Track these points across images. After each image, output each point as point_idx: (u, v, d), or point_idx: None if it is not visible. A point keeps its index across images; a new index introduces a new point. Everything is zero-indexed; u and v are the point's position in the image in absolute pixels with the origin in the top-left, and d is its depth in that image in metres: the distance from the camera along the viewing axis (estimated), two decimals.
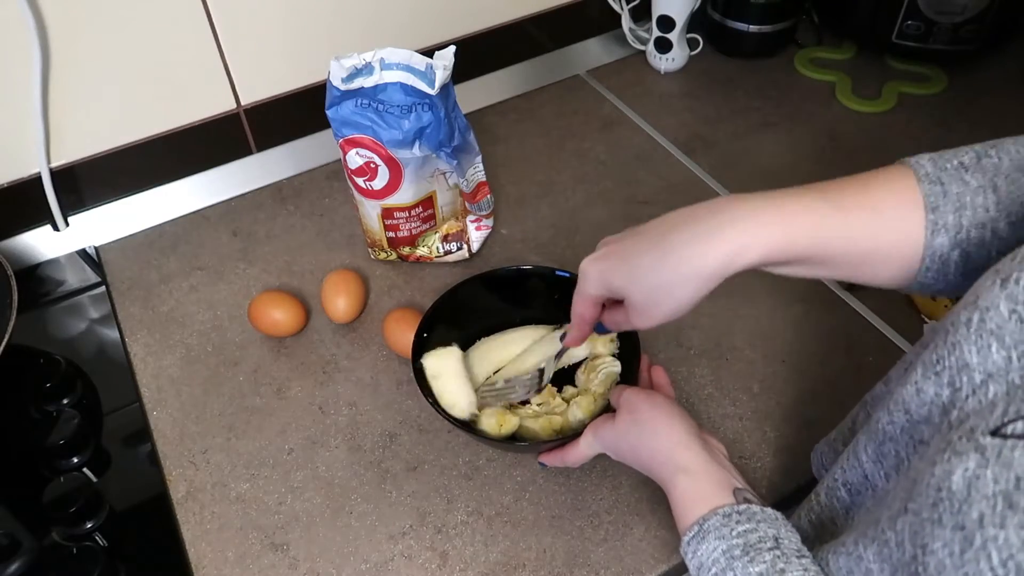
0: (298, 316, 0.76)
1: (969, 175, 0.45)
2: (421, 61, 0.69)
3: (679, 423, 0.55)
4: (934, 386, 0.39)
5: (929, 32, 0.99)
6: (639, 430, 0.56)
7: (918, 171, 0.46)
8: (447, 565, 0.61)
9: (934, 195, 0.45)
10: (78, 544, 0.64)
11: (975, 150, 0.46)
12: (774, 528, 0.47)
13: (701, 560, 0.47)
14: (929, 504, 0.33)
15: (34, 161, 0.83)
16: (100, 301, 0.84)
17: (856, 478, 0.46)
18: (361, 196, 0.77)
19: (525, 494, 0.65)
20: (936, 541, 0.32)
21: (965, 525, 0.30)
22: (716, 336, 0.76)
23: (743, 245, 0.44)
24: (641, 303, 0.50)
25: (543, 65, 1.08)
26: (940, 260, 0.46)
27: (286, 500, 0.66)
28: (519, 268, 0.73)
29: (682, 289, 0.47)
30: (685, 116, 1.02)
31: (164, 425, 0.71)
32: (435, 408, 0.62)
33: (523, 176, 0.94)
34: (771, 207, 0.45)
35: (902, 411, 0.41)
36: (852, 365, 0.73)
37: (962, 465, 0.32)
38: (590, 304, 0.54)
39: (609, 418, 0.59)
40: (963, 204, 0.45)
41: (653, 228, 0.49)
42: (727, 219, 0.45)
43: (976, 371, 0.36)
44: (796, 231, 0.45)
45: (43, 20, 0.75)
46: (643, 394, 0.58)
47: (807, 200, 0.45)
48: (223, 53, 0.86)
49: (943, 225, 0.45)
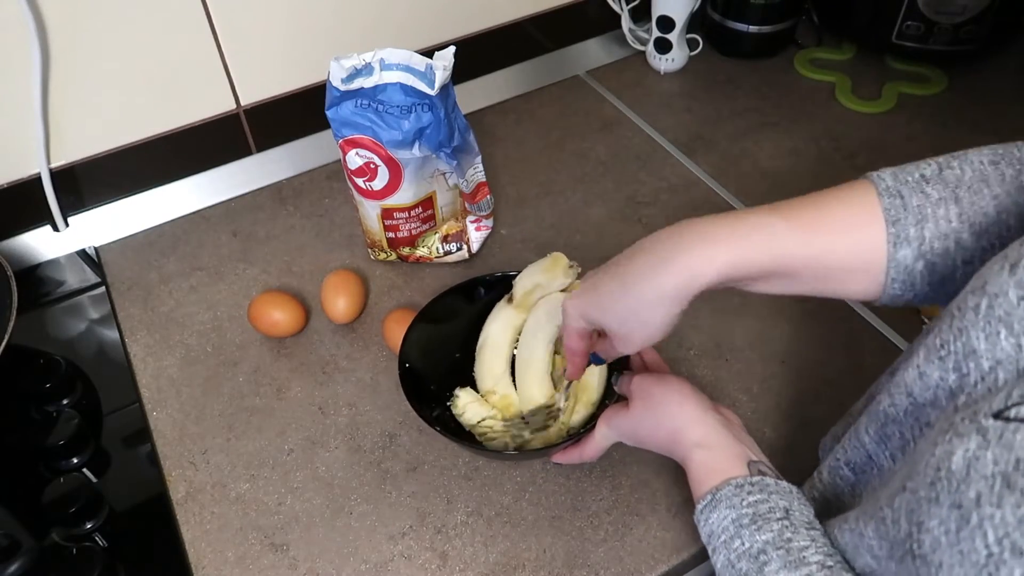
0: (298, 316, 0.76)
1: (930, 187, 0.46)
2: (421, 61, 0.69)
3: (692, 400, 0.56)
4: (938, 370, 0.39)
5: (929, 33, 0.99)
6: (654, 413, 0.57)
7: (878, 185, 0.47)
8: (447, 565, 0.61)
9: (894, 208, 0.46)
10: (78, 545, 0.64)
11: (937, 162, 0.47)
12: (786, 500, 0.48)
13: (712, 528, 0.49)
14: (927, 483, 0.33)
15: (34, 161, 0.83)
16: (100, 301, 0.84)
17: (859, 458, 0.47)
18: (361, 196, 0.77)
19: (525, 494, 0.65)
20: (932, 519, 0.32)
21: (962, 504, 0.31)
22: (716, 337, 0.76)
23: (698, 268, 0.46)
24: (617, 331, 0.52)
25: (543, 65, 1.08)
26: (905, 272, 0.46)
27: (286, 500, 0.66)
28: (486, 277, 0.73)
29: (650, 314, 0.49)
30: (685, 116, 1.02)
31: (164, 425, 0.71)
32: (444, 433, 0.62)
33: (523, 176, 0.94)
34: (724, 229, 0.47)
35: (904, 394, 0.42)
36: (851, 365, 0.73)
37: (963, 446, 0.32)
38: (576, 338, 0.57)
39: (621, 407, 0.60)
40: (924, 216, 0.46)
41: (620, 260, 0.51)
42: (683, 244, 0.47)
43: (984, 358, 0.36)
44: (750, 250, 0.46)
45: (43, 20, 0.75)
46: (652, 378, 0.59)
47: (762, 219, 0.47)
48: (223, 53, 0.86)
49: (905, 237, 0.46)
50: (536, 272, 0.69)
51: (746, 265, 0.46)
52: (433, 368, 0.68)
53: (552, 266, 0.69)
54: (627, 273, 0.49)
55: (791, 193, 0.49)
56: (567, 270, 0.69)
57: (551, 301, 0.68)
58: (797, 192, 0.49)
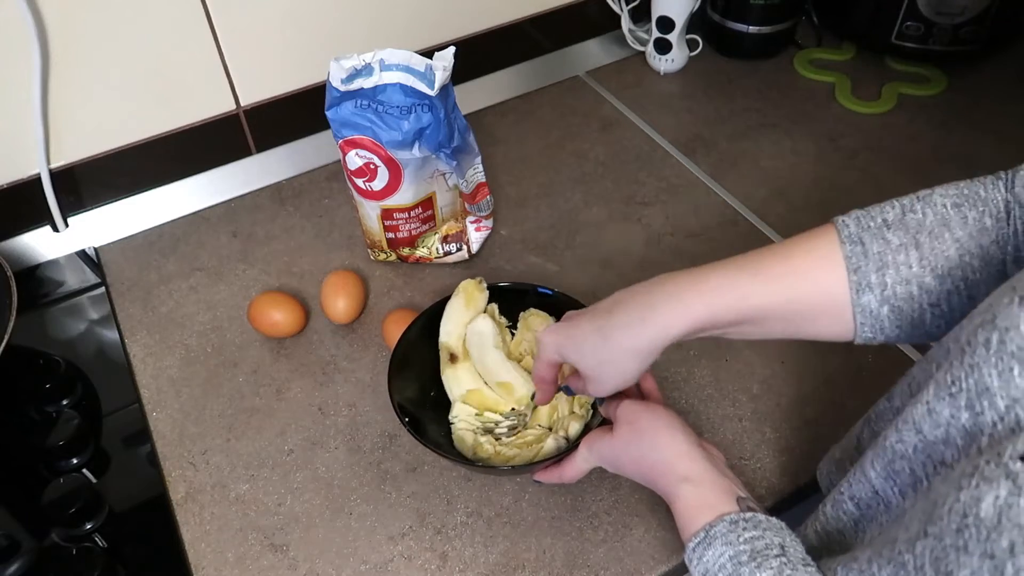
0: (298, 317, 0.76)
1: (891, 233, 0.47)
2: (420, 62, 0.69)
3: (680, 433, 0.55)
4: (949, 407, 0.38)
5: (929, 33, 0.99)
6: (640, 442, 0.56)
7: (841, 232, 0.48)
8: (447, 566, 0.61)
9: (855, 256, 0.47)
10: (77, 545, 0.64)
11: (901, 204, 0.48)
12: (779, 536, 0.47)
13: (707, 566, 0.48)
14: (953, 530, 0.32)
15: (34, 162, 0.83)
16: (100, 302, 0.84)
17: (865, 493, 0.46)
18: (361, 197, 0.77)
19: (524, 495, 0.65)
20: (963, 569, 0.31)
21: (995, 553, 0.30)
22: (716, 337, 0.75)
23: (668, 324, 0.50)
24: (591, 375, 0.55)
25: (543, 66, 1.08)
26: (872, 316, 0.48)
27: (286, 501, 0.66)
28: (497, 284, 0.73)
29: (624, 364, 0.53)
30: (685, 117, 1.02)
31: (163, 426, 0.71)
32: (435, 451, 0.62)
33: (523, 177, 0.94)
34: (693, 288, 0.50)
35: (913, 430, 0.41)
36: (851, 366, 0.73)
37: (992, 492, 0.31)
38: (546, 367, 0.60)
39: (605, 431, 0.58)
40: (885, 263, 0.47)
41: (598, 309, 0.55)
42: (656, 302, 0.51)
43: (998, 396, 0.35)
44: (716, 306, 0.50)
45: (43, 21, 0.75)
46: (640, 405, 0.58)
47: (728, 275, 0.50)
48: (223, 54, 0.86)
49: (867, 284, 0.47)
50: (458, 313, 0.69)
51: (713, 318, 0.50)
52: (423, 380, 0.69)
53: (467, 296, 0.69)
54: (606, 326, 0.53)
55: (790, 193, 0.49)
56: (479, 286, 0.70)
57: (474, 331, 0.69)
58: (796, 193, 0.49)
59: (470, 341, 0.69)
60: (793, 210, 0.86)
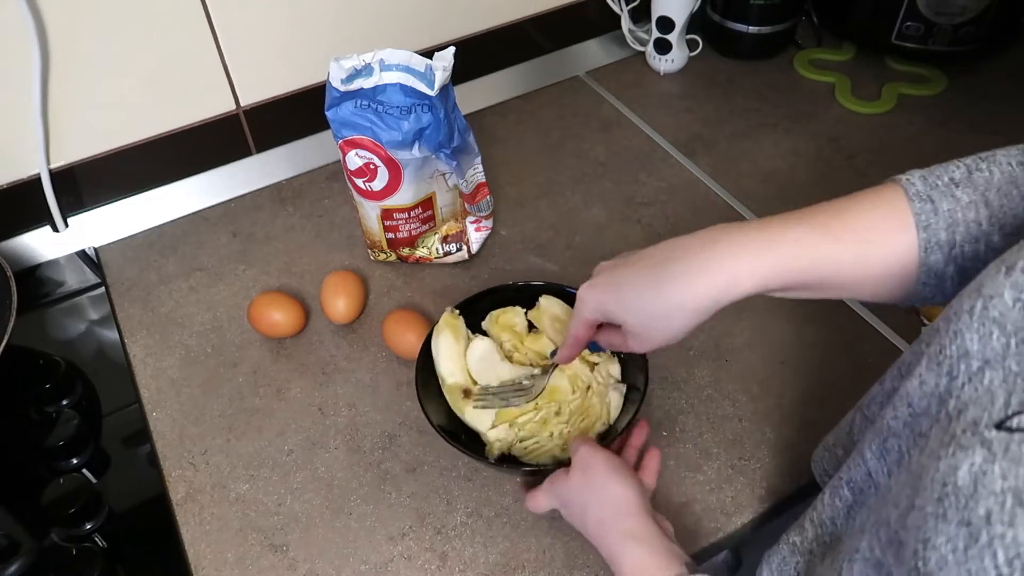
0: (297, 317, 0.76)
1: (960, 191, 0.45)
2: (420, 62, 0.69)
3: (633, 490, 0.54)
4: (935, 376, 0.38)
5: (928, 33, 0.99)
6: (590, 490, 0.55)
7: (908, 190, 0.46)
8: (446, 566, 0.61)
9: (925, 213, 0.45)
10: (77, 545, 0.64)
11: (966, 164, 0.46)
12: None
13: None
14: (934, 499, 0.32)
15: (33, 162, 0.83)
16: (99, 302, 0.84)
17: (859, 476, 0.46)
18: (360, 197, 0.77)
19: (525, 495, 0.65)
20: (939, 536, 0.31)
21: (971, 521, 0.30)
22: (716, 337, 0.76)
23: (734, 279, 0.46)
24: (637, 329, 0.51)
25: (542, 66, 1.08)
26: (936, 276, 0.46)
27: (285, 501, 0.66)
28: (528, 283, 0.72)
29: (677, 320, 0.48)
30: (685, 117, 1.02)
31: (163, 426, 0.71)
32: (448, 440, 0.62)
33: (523, 177, 0.94)
34: (761, 239, 0.46)
35: (905, 405, 0.41)
36: (851, 366, 0.73)
37: (968, 460, 0.31)
38: (584, 327, 0.56)
39: (567, 471, 0.57)
40: (955, 220, 0.45)
41: (647, 259, 0.50)
42: (718, 253, 0.47)
43: (975, 358, 0.35)
44: (786, 261, 0.46)
45: (43, 21, 0.75)
46: (601, 453, 0.57)
47: (797, 230, 0.47)
48: (223, 54, 0.86)
49: (936, 243, 0.45)
50: (451, 348, 0.68)
51: (781, 277, 0.46)
52: None
53: (452, 330, 0.68)
54: (661, 276, 0.48)
55: (790, 194, 0.49)
56: (454, 315, 0.69)
57: (474, 358, 0.68)
58: (796, 193, 0.49)
59: (476, 369, 0.68)
60: (793, 210, 0.86)
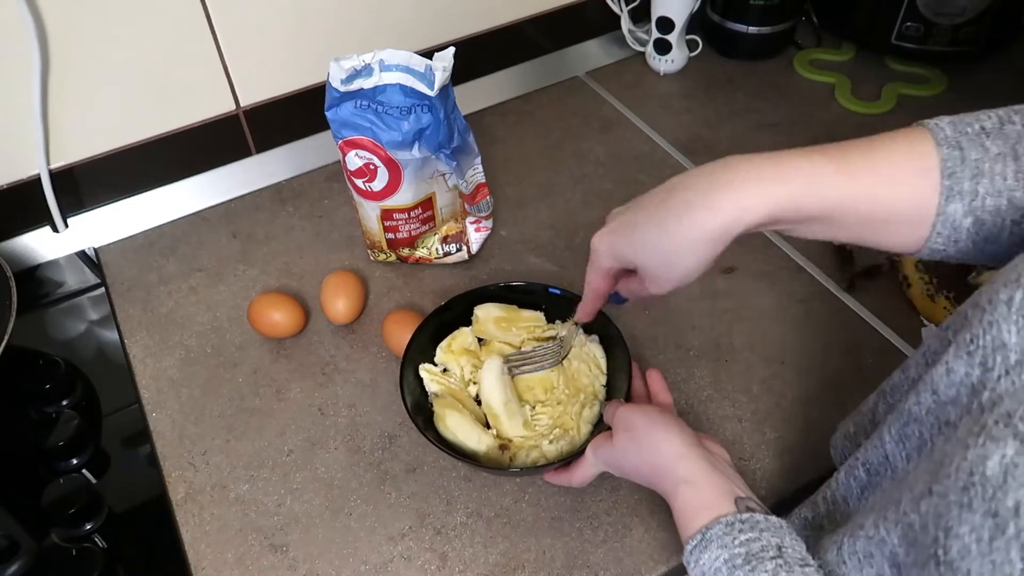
0: (297, 317, 0.76)
1: (990, 141, 0.43)
2: (420, 62, 0.69)
3: (676, 435, 0.54)
4: (965, 366, 0.37)
5: (928, 33, 0.99)
6: (638, 447, 0.55)
7: (936, 134, 0.45)
8: (446, 566, 0.61)
9: (952, 160, 0.44)
10: (77, 546, 0.64)
11: (998, 114, 0.45)
12: (777, 537, 0.47)
13: (703, 569, 0.47)
14: (959, 487, 0.32)
15: (33, 162, 0.83)
16: (99, 302, 0.84)
17: (876, 458, 0.46)
18: (360, 197, 0.77)
19: (524, 495, 0.65)
20: (963, 525, 0.31)
21: (998, 512, 0.29)
22: (715, 337, 0.76)
23: (746, 205, 0.44)
24: (652, 271, 0.50)
25: (542, 66, 1.08)
26: (952, 226, 0.44)
27: (285, 501, 0.66)
28: (508, 284, 0.73)
29: (691, 253, 0.47)
30: (684, 117, 1.02)
31: (163, 426, 0.71)
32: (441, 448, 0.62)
33: (522, 177, 0.94)
34: (774, 166, 0.45)
35: (930, 391, 0.40)
36: (851, 366, 0.73)
37: (999, 451, 0.31)
38: (601, 278, 0.55)
39: (608, 436, 0.58)
40: (981, 171, 0.43)
41: (656, 195, 0.49)
42: (729, 179, 0.45)
43: (1012, 351, 0.35)
44: (799, 191, 0.44)
45: (43, 22, 0.75)
46: (637, 410, 0.57)
47: (812, 160, 0.45)
48: (222, 54, 0.86)
49: (958, 191, 0.43)
50: (464, 426, 0.65)
51: (793, 207, 0.44)
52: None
53: (453, 410, 0.66)
54: (667, 209, 0.47)
55: None
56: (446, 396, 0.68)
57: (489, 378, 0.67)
58: None
59: (500, 408, 0.66)
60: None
